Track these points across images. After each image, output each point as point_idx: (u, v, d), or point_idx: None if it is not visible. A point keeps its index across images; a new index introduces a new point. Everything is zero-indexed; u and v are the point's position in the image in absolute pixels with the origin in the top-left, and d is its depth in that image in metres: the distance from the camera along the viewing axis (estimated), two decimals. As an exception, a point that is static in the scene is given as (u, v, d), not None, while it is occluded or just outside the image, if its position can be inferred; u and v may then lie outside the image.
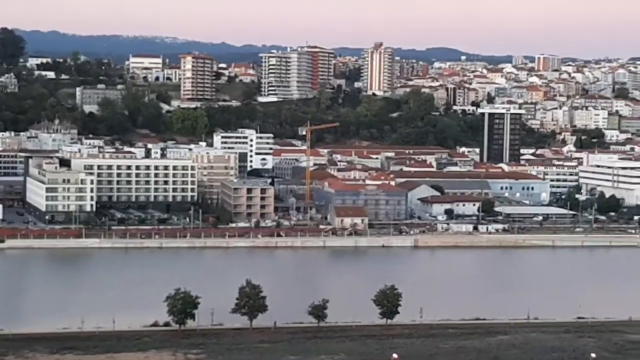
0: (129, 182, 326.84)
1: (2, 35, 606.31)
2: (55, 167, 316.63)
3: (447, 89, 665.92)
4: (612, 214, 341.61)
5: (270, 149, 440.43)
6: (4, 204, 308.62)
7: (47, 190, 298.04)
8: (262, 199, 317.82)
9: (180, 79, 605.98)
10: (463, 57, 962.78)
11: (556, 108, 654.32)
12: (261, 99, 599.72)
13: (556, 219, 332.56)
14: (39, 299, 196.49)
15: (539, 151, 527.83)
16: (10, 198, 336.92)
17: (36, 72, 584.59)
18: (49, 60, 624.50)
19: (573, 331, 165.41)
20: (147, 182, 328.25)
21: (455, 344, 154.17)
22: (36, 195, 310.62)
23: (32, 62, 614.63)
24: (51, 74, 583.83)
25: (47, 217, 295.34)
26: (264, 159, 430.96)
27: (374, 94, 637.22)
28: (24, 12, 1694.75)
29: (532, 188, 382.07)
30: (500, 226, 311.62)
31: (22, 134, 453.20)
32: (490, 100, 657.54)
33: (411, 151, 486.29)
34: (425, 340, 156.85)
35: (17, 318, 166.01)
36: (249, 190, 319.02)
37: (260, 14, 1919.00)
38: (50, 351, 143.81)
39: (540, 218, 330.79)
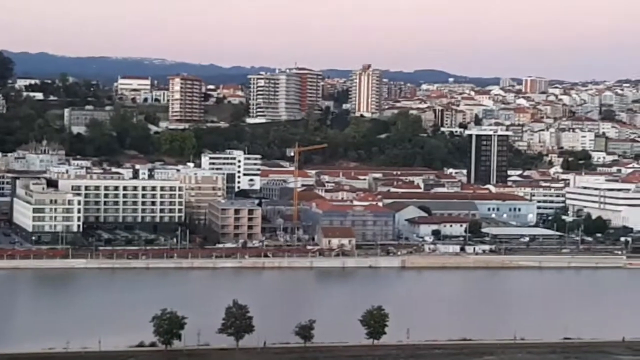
0: (116, 203, 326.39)
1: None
2: (43, 188, 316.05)
3: (434, 110, 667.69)
4: (599, 235, 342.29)
5: (258, 169, 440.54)
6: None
7: (34, 210, 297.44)
8: (250, 219, 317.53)
9: (168, 100, 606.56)
10: (451, 79, 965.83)
11: (543, 130, 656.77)
12: (249, 120, 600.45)
13: (543, 240, 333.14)
14: (25, 319, 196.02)
15: (526, 173, 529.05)
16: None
17: (24, 94, 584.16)
18: (37, 81, 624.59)
19: (559, 352, 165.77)
20: (135, 203, 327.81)
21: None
22: (23, 215, 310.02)
23: (21, 83, 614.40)
24: (39, 95, 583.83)
25: (33, 238, 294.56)
26: (251, 180, 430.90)
27: (362, 116, 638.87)
28: (12, 33, 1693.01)
29: (519, 209, 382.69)
30: (487, 247, 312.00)
31: (9, 154, 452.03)
32: (478, 122, 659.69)
33: (399, 172, 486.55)
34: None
35: (2, 338, 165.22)
36: (237, 211, 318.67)
37: (249, 35, 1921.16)
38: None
39: (527, 239, 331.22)
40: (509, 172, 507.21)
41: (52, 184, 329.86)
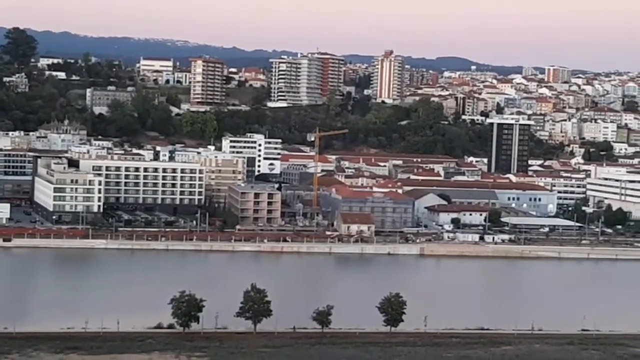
0: (136, 184, 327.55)
1: (14, 35, 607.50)
2: (64, 168, 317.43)
3: (456, 98, 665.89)
4: (619, 227, 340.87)
5: (279, 154, 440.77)
6: (12, 203, 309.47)
7: (55, 190, 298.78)
8: (269, 203, 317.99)
9: (190, 82, 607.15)
10: (473, 67, 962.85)
11: (565, 120, 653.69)
12: (270, 104, 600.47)
13: (563, 230, 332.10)
14: (44, 299, 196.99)
15: (547, 162, 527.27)
16: (18, 197, 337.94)
17: (47, 73, 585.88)
18: (60, 60, 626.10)
19: (577, 343, 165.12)
20: (155, 185, 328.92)
21: (458, 354, 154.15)
22: (44, 195, 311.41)
23: (43, 62, 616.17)
24: (62, 75, 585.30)
25: (54, 217, 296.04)
26: (271, 164, 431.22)
27: (383, 102, 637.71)
28: (36, 12, 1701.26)
29: (539, 199, 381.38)
30: (506, 237, 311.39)
31: (31, 133, 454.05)
32: (500, 110, 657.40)
33: (419, 160, 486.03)
34: (429, 349, 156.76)
35: (21, 317, 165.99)
36: (256, 195, 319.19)
37: (272, 19, 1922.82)
38: (54, 351, 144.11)
39: (547, 229, 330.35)
40: (529, 162, 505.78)
41: (73, 163, 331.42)
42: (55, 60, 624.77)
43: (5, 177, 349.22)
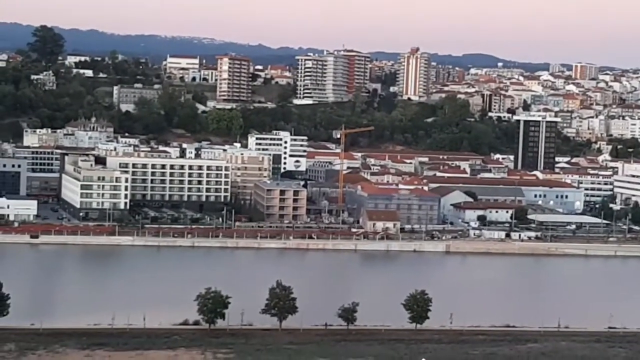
0: (163, 181, 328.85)
1: (42, 33, 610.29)
2: (91, 165, 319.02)
3: (482, 95, 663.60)
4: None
5: (304, 151, 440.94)
6: (39, 200, 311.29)
7: (82, 187, 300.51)
8: (295, 200, 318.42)
9: (216, 79, 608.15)
10: (500, 64, 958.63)
11: (592, 117, 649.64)
12: (296, 102, 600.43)
13: (589, 228, 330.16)
14: (71, 295, 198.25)
15: (574, 160, 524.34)
16: (45, 194, 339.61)
17: (74, 70, 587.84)
18: (87, 58, 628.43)
19: (604, 341, 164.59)
20: (181, 182, 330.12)
21: (484, 351, 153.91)
22: (71, 192, 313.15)
23: (71, 60, 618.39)
24: (89, 73, 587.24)
25: (81, 214, 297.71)
26: (297, 161, 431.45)
27: (409, 99, 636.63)
28: (63, 10, 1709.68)
29: (566, 196, 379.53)
30: (532, 234, 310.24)
31: (59, 131, 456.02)
32: (526, 107, 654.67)
33: (445, 157, 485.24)
34: (455, 346, 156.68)
35: (48, 313, 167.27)
36: (282, 192, 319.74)
37: (298, 16, 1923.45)
38: (81, 347, 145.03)
39: (574, 227, 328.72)
40: (556, 159, 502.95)
41: (100, 161, 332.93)
42: (83, 58, 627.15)
43: (33, 174, 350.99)
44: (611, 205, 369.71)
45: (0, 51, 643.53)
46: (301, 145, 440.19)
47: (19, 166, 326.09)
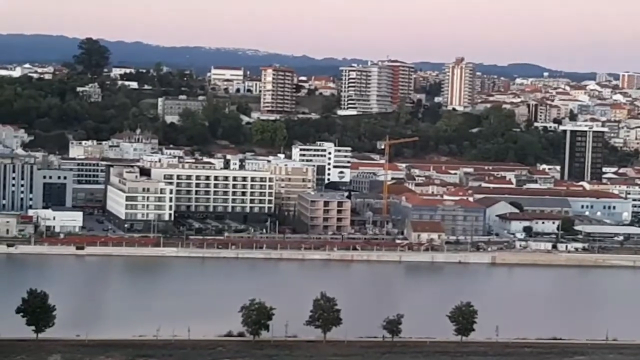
0: (207, 193, 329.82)
1: (88, 45, 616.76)
2: (136, 176, 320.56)
3: (528, 105, 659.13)
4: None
5: (348, 162, 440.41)
6: (85, 212, 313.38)
7: (127, 198, 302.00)
8: (339, 211, 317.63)
9: (260, 91, 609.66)
10: (545, 74, 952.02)
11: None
12: (340, 112, 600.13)
13: (638, 239, 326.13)
14: (116, 306, 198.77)
15: (621, 170, 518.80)
16: (91, 206, 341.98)
17: (119, 82, 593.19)
18: (132, 70, 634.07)
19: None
20: (225, 193, 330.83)
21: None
22: (116, 203, 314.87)
23: (116, 72, 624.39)
24: (134, 84, 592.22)
25: (126, 225, 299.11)
26: (341, 172, 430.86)
27: (454, 109, 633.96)
28: (108, 22, 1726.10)
29: (614, 207, 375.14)
30: (580, 245, 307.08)
31: (104, 142, 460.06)
32: (573, 117, 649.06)
33: (490, 167, 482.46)
34: (501, 358, 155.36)
35: (94, 324, 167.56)
36: (326, 203, 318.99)
37: (342, 27, 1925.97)
38: (126, 358, 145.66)
39: (622, 238, 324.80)
40: (603, 169, 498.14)
41: (145, 172, 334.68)
42: (128, 70, 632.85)
43: (78, 186, 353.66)
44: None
45: (47, 64, 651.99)
46: (345, 156, 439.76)
47: (65, 178, 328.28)
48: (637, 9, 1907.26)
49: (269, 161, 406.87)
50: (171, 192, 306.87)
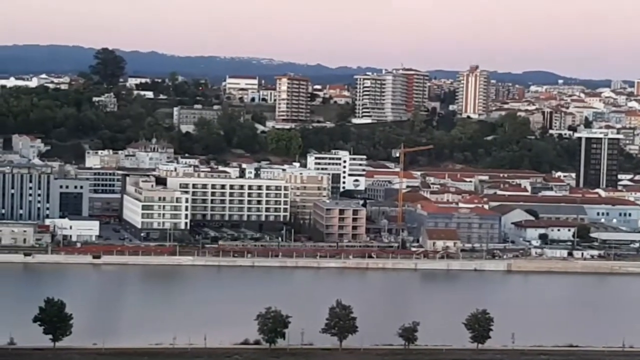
0: (222, 201, 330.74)
1: (103, 55, 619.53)
2: (152, 185, 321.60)
3: (543, 112, 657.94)
4: None
5: (363, 170, 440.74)
6: (101, 221, 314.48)
7: (143, 207, 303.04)
8: (354, 219, 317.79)
9: (275, 100, 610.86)
10: (560, 81, 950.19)
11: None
12: (355, 121, 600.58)
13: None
14: (133, 315, 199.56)
15: (637, 177, 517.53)
16: (107, 215, 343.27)
17: (135, 92, 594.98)
18: (148, 80, 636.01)
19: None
20: (241, 202, 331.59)
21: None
22: (132, 212, 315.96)
23: (132, 82, 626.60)
24: (149, 94, 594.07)
25: (142, 234, 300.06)
26: (356, 180, 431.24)
27: (468, 117, 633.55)
28: (124, 33, 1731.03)
29: (630, 214, 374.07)
30: (596, 252, 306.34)
31: (120, 152, 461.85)
32: (588, 124, 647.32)
33: (505, 175, 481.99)
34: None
35: (110, 333, 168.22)
36: (341, 211, 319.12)
37: (356, 36, 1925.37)
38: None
39: (638, 245, 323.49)
40: (619, 176, 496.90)
41: (160, 181, 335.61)
42: (143, 80, 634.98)
43: (94, 195, 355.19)
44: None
45: (63, 74, 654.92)
46: (360, 165, 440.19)
47: (82, 187, 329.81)
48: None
49: (284, 170, 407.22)
50: (187, 201, 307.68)
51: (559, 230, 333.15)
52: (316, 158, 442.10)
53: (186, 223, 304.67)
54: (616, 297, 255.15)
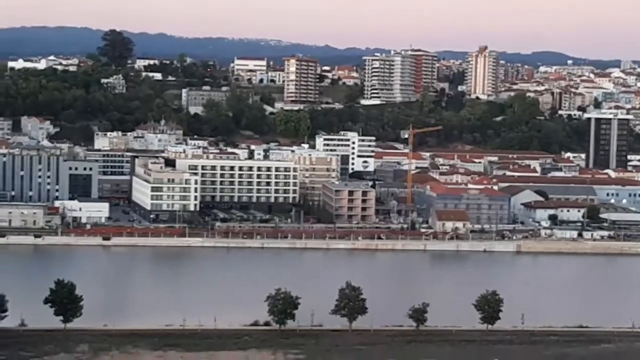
0: (232, 183, 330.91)
1: (111, 37, 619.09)
2: (161, 167, 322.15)
3: (552, 93, 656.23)
4: None
5: (372, 151, 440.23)
6: (111, 203, 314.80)
7: (152, 189, 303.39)
8: (364, 201, 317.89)
9: (284, 81, 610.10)
10: (569, 61, 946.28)
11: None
12: (364, 102, 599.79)
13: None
14: (143, 296, 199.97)
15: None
16: (116, 197, 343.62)
17: (143, 74, 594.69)
18: (156, 62, 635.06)
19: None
20: (250, 183, 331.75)
21: (557, 352, 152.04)
22: (141, 194, 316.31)
23: (140, 63, 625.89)
24: (158, 76, 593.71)
25: (151, 216, 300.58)
26: (365, 162, 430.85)
27: (477, 98, 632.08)
28: (132, 14, 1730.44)
29: (639, 195, 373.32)
30: (605, 233, 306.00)
31: (129, 134, 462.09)
32: (597, 105, 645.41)
33: (515, 156, 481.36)
34: (527, 346, 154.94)
35: (121, 314, 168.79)
36: (351, 193, 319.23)
37: (364, 17, 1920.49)
38: (153, 347, 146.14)
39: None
40: (629, 157, 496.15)
41: (169, 163, 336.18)
42: (152, 62, 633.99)
43: (104, 177, 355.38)
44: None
45: (71, 56, 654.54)
46: (369, 146, 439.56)
47: (91, 169, 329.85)
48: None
49: (293, 151, 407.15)
50: (196, 183, 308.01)
51: (568, 211, 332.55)
52: (325, 139, 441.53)
53: (195, 205, 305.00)
54: (626, 278, 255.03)
